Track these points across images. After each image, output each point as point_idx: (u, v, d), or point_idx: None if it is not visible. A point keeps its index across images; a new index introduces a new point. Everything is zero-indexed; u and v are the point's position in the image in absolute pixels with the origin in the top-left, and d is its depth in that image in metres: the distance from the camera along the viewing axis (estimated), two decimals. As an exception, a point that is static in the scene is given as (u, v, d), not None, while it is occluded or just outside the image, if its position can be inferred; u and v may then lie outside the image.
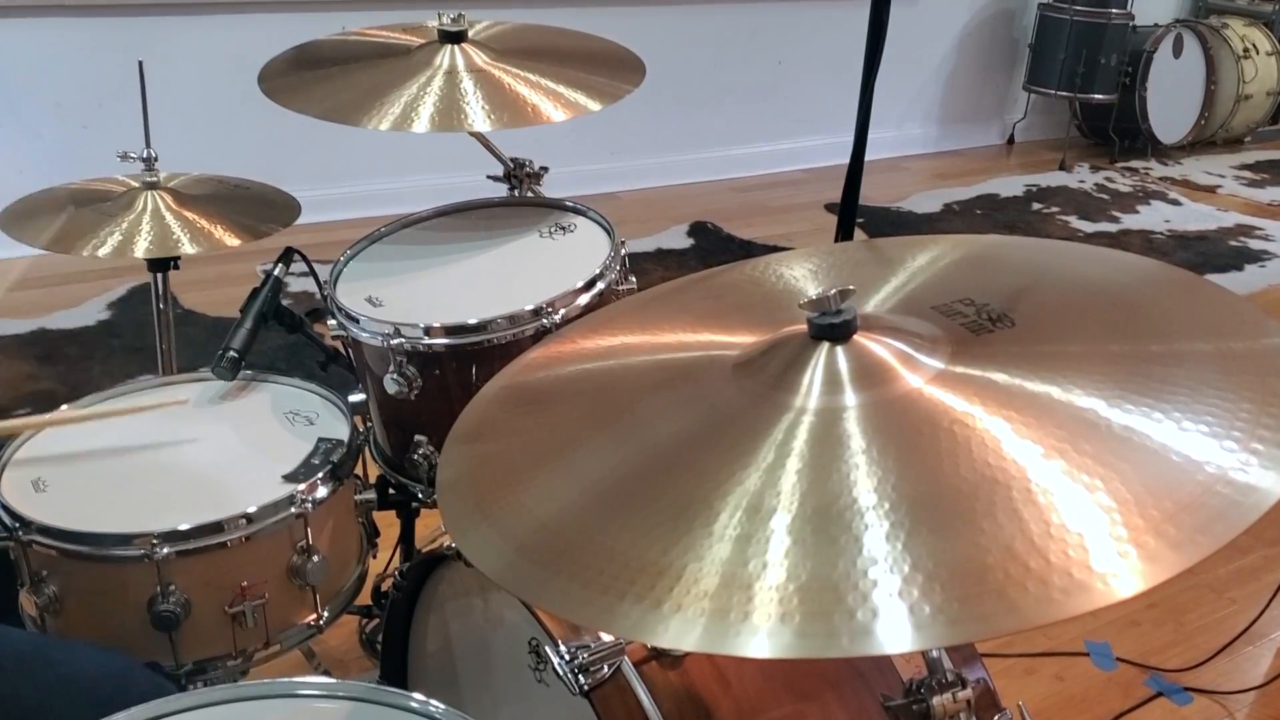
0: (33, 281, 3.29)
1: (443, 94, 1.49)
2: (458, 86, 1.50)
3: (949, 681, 0.82)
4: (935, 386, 0.80)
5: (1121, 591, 0.62)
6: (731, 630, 0.65)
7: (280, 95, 1.55)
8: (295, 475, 1.34)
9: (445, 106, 1.47)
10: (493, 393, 1.01)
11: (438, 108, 1.47)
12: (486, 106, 1.47)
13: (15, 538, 1.24)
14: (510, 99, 1.51)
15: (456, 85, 1.50)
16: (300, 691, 0.91)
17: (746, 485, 0.74)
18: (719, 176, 4.71)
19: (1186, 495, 0.67)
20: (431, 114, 1.46)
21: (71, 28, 3.45)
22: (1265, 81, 5.48)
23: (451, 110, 1.46)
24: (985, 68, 5.37)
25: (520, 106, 1.49)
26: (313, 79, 1.61)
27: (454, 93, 1.49)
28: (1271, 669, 1.99)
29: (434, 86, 1.50)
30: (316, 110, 1.50)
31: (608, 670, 0.99)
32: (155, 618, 1.23)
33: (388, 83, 1.53)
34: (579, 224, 1.64)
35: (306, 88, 1.58)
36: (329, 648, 1.87)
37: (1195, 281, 0.92)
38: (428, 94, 1.49)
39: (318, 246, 1.69)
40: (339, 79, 1.60)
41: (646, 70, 1.65)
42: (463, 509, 0.85)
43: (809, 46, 4.75)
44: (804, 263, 1.09)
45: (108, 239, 1.55)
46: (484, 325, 1.39)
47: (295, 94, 1.56)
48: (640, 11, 4.31)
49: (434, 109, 1.47)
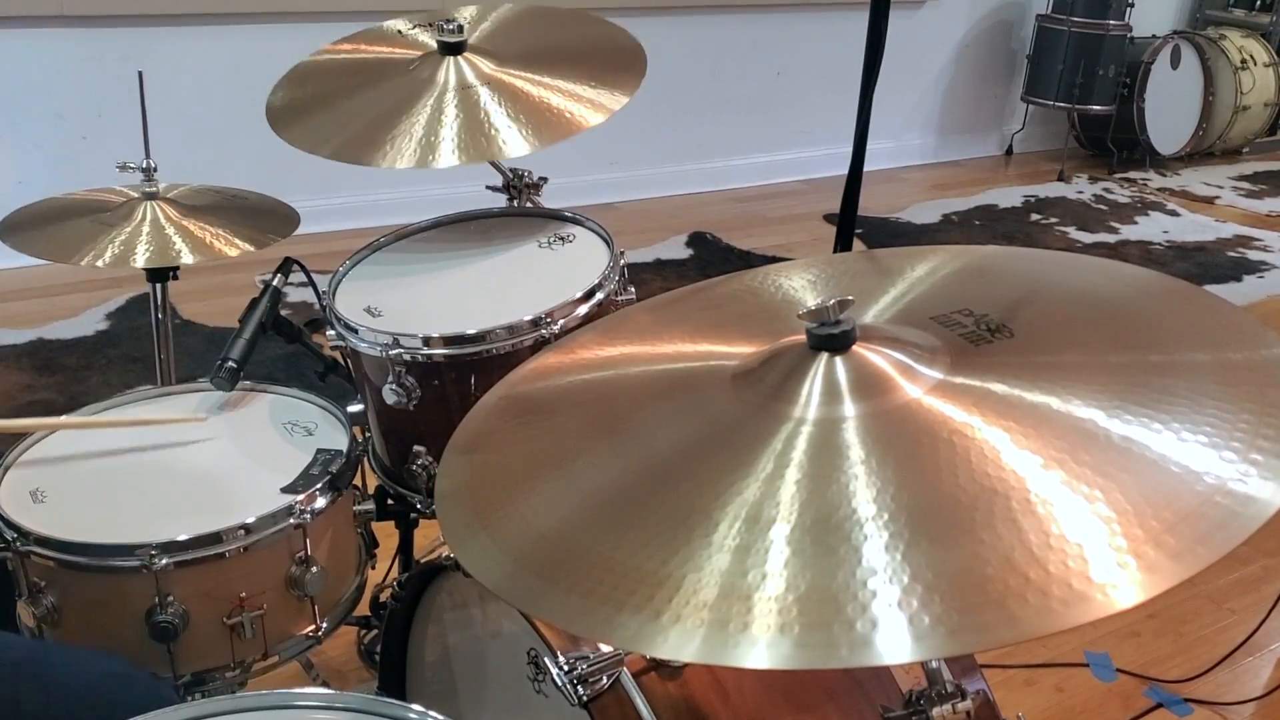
0: (31, 291, 3.28)
1: (461, 117, 1.39)
2: (476, 106, 1.39)
3: (948, 693, 0.82)
4: (934, 397, 0.80)
5: (1121, 602, 0.62)
6: (731, 641, 0.65)
7: (289, 132, 1.53)
8: (294, 486, 1.34)
9: (469, 132, 1.36)
10: (491, 403, 1.01)
11: (462, 135, 1.36)
12: (516, 125, 1.35)
13: (13, 548, 1.23)
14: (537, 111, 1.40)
15: (473, 104, 1.40)
16: (299, 703, 0.91)
17: (745, 496, 0.74)
18: (718, 187, 4.72)
19: (1186, 506, 0.67)
20: (456, 144, 1.36)
21: (71, 38, 3.45)
22: (1263, 93, 5.50)
23: (477, 135, 1.36)
24: (984, 79, 5.38)
25: (551, 117, 1.38)
26: (317, 109, 1.58)
27: (473, 114, 1.39)
28: (1271, 680, 1.99)
29: (447, 108, 1.40)
30: (327, 150, 1.43)
31: (607, 681, 0.99)
32: (153, 629, 1.23)
33: (394, 109, 1.49)
34: (578, 234, 1.64)
35: (312, 121, 1.55)
36: (327, 659, 1.87)
37: (1194, 292, 0.92)
38: (443, 118, 1.39)
39: (317, 257, 1.69)
40: (344, 107, 1.56)
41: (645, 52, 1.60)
42: (461, 519, 0.85)
43: (808, 57, 4.76)
44: (803, 273, 1.09)
45: (107, 249, 1.55)
46: (483, 335, 1.40)
47: (303, 130, 1.53)
48: (639, 22, 4.28)
49: (457, 136, 1.37)
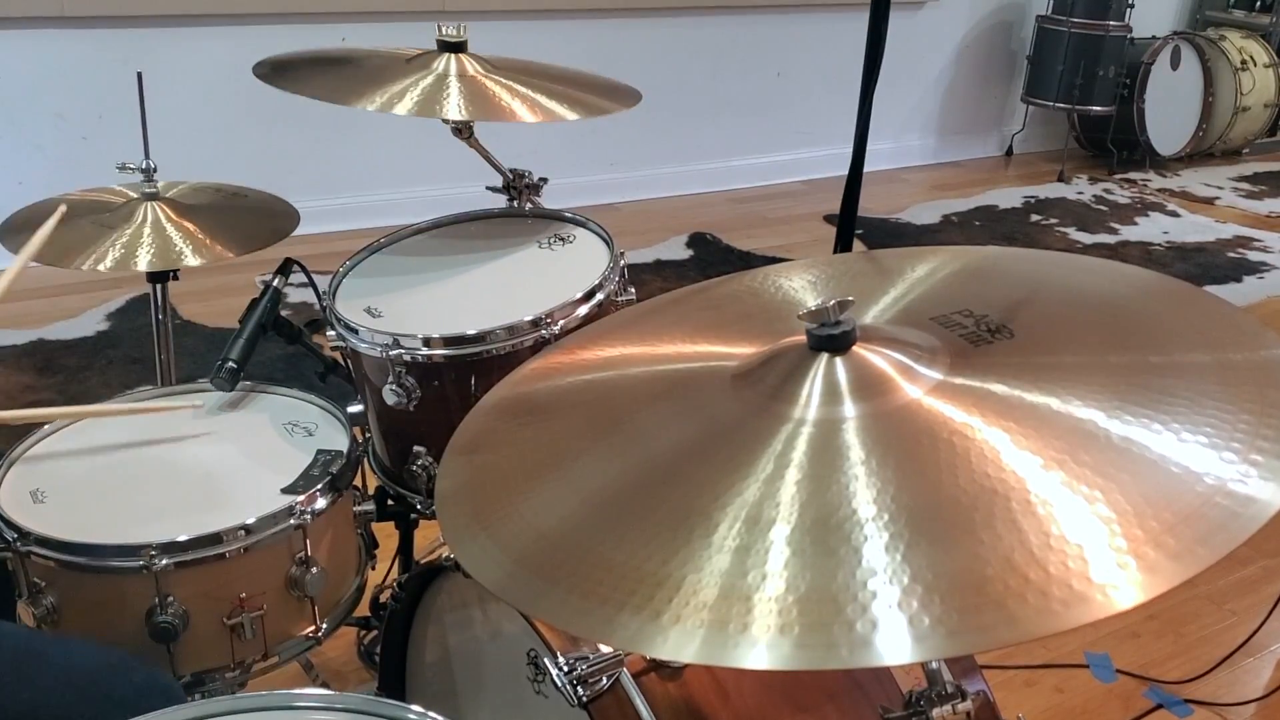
0: (31, 292, 3.28)
1: (429, 88, 1.53)
2: (444, 84, 1.55)
3: (948, 693, 0.82)
4: (934, 397, 0.80)
5: (1121, 603, 0.62)
6: (730, 642, 0.65)
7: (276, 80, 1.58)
8: (294, 487, 1.34)
9: (426, 97, 1.52)
10: (491, 404, 1.01)
11: (420, 98, 1.51)
12: (463, 100, 1.52)
13: (13, 549, 1.23)
14: (487, 96, 1.55)
15: (443, 83, 1.55)
16: (298, 703, 0.90)
17: (745, 496, 0.74)
18: (718, 188, 4.72)
19: (1186, 506, 0.67)
20: (414, 102, 1.50)
21: (72, 39, 3.45)
22: (1263, 93, 5.50)
23: (431, 100, 1.51)
24: (984, 79, 5.39)
25: (494, 104, 1.54)
26: (311, 71, 1.65)
27: (440, 89, 1.54)
28: (1271, 681, 1.99)
29: (424, 83, 1.54)
30: (311, 90, 1.54)
31: (606, 682, 0.99)
32: (153, 629, 1.23)
33: (384, 78, 1.56)
34: (578, 235, 1.64)
35: (302, 75, 1.62)
36: (327, 659, 1.87)
37: (1194, 293, 0.92)
38: (416, 88, 1.53)
39: (317, 257, 1.69)
40: (335, 70, 1.64)
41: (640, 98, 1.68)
42: (461, 520, 0.85)
43: (808, 58, 4.77)
44: (803, 274, 1.09)
45: (109, 252, 1.55)
46: (483, 336, 1.40)
47: (289, 79, 1.59)
48: (639, 24, 4.32)
49: (418, 98, 1.51)
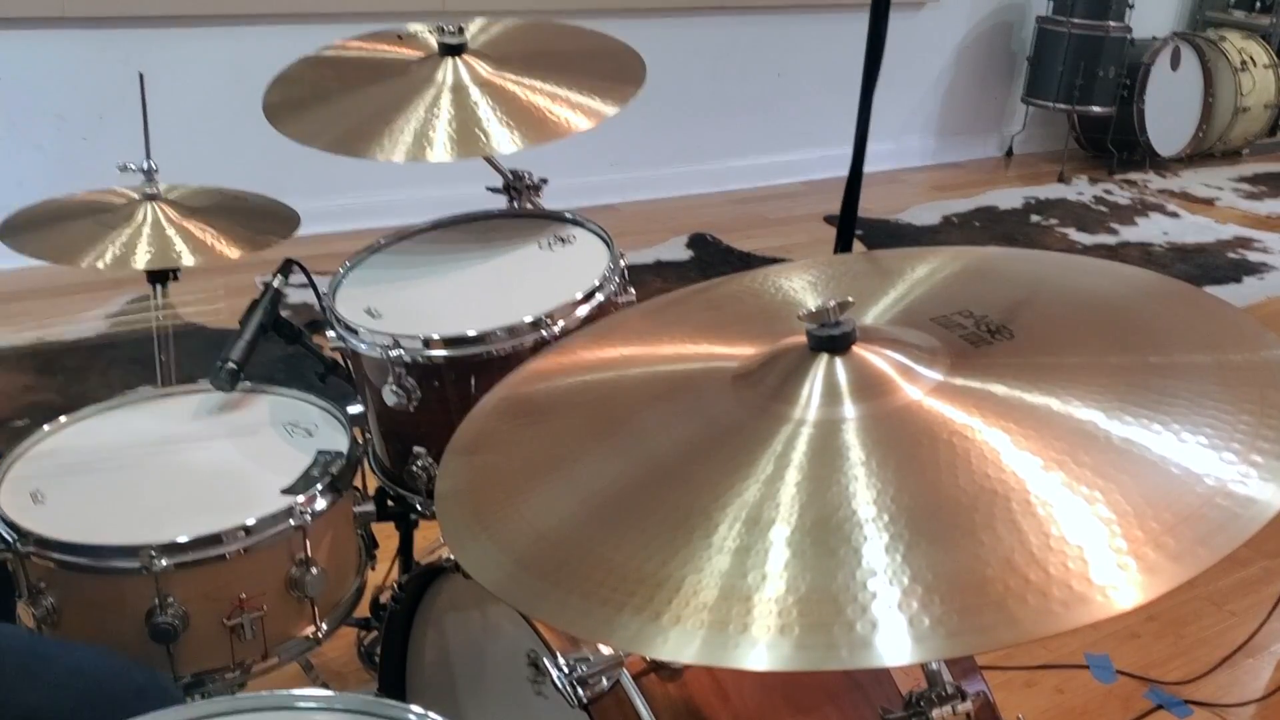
0: (31, 293, 3.28)
1: (455, 115, 1.45)
2: (468, 104, 1.46)
3: (948, 694, 0.82)
4: (934, 398, 0.80)
5: (1121, 604, 0.62)
6: (730, 642, 0.65)
7: (286, 125, 1.54)
8: (294, 487, 1.34)
9: (461, 129, 1.43)
10: (491, 404, 1.01)
11: (453, 132, 1.43)
12: (507, 124, 1.43)
13: (13, 550, 1.23)
14: (527, 112, 1.47)
15: (467, 103, 1.46)
16: (298, 704, 0.91)
17: (745, 497, 0.74)
18: (718, 188, 4.72)
19: (1186, 507, 0.66)
20: (447, 139, 1.43)
21: (73, 40, 3.46)
22: (1263, 94, 5.50)
23: (468, 132, 1.42)
24: (984, 80, 5.38)
25: (540, 119, 1.45)
26: (314, 103, 1.59)
27: (466, 112, 1.45)
28: (1271, 682, 1.99)
29: (443, 107, 1.46)
30: (323, 142, 1.47)
31: (606, 683, 0.99)
32: (153, 630, 1.23)
33: (391, 105, 1.51)
34: (578, 235, 1.64)
35: (310, 115, 1.56)
36: (327, 660, 1.87)
37: (1194, 294, 0.92)
38: (437, 116, 1.45)
39: (317, 258, 1.69)
40: (341, 102, 1.58)
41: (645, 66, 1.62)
42: (461, 521, 0.85)
43: (808, 59, 4.76)
44: (803, 274, 1.09)
45: (108, 251, 1.55)
46: (483, 337, 1.40)
47: (300, 124, 1.54)
48: (639, 24, 4.31)
49: (449, 133, 1.43)
